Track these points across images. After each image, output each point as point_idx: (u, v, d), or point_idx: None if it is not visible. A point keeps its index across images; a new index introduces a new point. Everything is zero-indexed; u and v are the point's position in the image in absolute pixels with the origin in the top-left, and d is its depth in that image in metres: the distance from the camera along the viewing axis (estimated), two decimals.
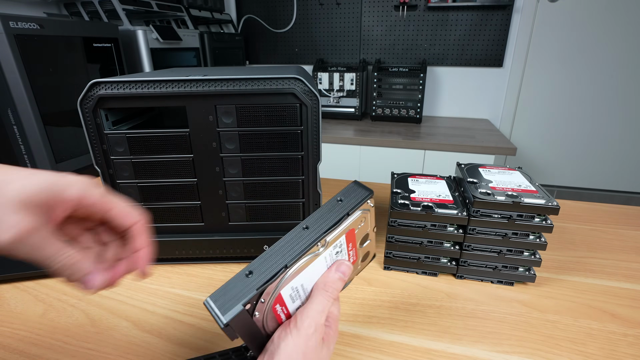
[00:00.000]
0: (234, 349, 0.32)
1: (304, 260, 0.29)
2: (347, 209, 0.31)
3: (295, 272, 0.28)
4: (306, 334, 0.28)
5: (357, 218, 0.32)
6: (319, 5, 2.03)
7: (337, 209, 0.31)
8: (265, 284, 0.26)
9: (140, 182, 0.49)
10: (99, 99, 0.44)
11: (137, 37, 1.32)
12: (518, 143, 2.07)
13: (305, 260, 0.29)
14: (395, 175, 0.59)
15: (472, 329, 0.42)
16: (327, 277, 0.31)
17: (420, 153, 1.61)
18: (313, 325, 0.28)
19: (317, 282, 0.31)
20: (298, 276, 0.29)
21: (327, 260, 0.31)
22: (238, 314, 0.25)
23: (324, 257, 0.31)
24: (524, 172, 0.55)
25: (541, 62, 1.90)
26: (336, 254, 0.32)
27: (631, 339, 0.41)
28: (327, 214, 0.31)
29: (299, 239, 0.29)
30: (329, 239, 0.30)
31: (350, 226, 0.32)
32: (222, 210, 0.51)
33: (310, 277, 0.30)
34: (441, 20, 1.90)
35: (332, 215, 0.30)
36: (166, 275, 0.52)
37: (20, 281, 0.51)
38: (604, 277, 0.52)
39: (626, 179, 2.00)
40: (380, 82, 1.83)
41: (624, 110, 1.88)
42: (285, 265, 0.27)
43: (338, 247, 0.32)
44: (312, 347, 0.28)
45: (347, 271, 0.32)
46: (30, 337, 0.41)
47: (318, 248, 0.29)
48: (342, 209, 0.31)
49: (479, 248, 0.49)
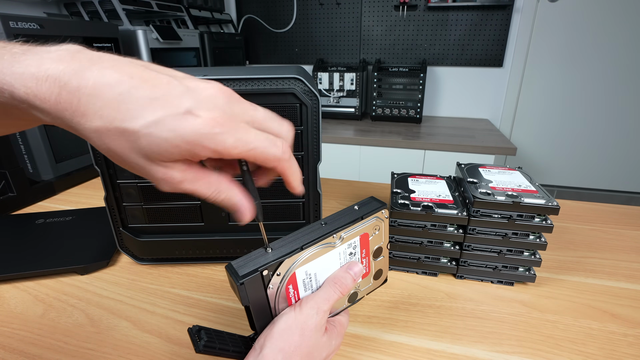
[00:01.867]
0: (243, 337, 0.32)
1: (320, 247, 0.31)
2: (361, 214, 0.34)
3: (311, 255, 0.30)
4: (307, 313, 0.29)
5: (371, 224, 0.34)
6: (319, 5, 2.03)
7: (353, 213, 0.34)
8: (282, 257, 0.29)
9: (140, 182, 0.49)
10: None
11: (137, 37, 1.32)
12: (518, 143, 2.07)
13: (320, 247, 0.31)
14: (395, 175, 0.59)
15: (472, 329, 0.42)
16: (337, 273, 0.33)
17: (420, 153, 1.61)
18: (315, 307, 0.30)
19: (329, 276, 0.33)
20: (313, 262, 0.31)
21: (340, 258, 0.33)
22: (254, 276, 0.27)
23: (337, 253, 0.33)
24: (524, 172, 0.55)
25: (541, 62, 1.90)
26: (350, 255, 0.34)
27: (631, 339, 0.41)
28: (343, 216, 0.34)
29: (317, 230, 0.32)
30: (344, 234, 0.32)
31: (365, 229, 0.34)
32: (222, 210, 0.51)
33: (323, 269, 0.32)
34: (441, 20, 1.90)
35: (348, 217, 0.33)
36: (166, 275, 0.52)
37: (20, 281, 0.51)
38: (604, 277, 0.52)
39: (626, 179, 2.00)
40: (380, 82, 1.83)
41: (624, 110, 1.88)
42: (302, 247, 0.30)
43: (352, 247, 0.34)
44: (311, 327, 0.29)
45: (358, 272, 0.33)
46: (30, 337, 0.41)
47: (334, 240, 0.32)
48: (357, 213, 0.34)
49: (479, 248, 0.49)
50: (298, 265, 0.30)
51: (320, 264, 0.32)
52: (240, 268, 0.28)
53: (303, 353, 0.28)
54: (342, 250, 0.33)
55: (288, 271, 0.29)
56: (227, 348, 0.29)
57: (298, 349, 0.28)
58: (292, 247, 0.30)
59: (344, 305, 0.36)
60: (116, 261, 0.56)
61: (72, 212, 0.67)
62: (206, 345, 0.27)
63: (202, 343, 0.27)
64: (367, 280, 0.37)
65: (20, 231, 0.61)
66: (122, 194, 0.50)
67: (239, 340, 0.30)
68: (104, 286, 0.50)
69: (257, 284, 0.28)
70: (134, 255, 0.55)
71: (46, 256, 0.54)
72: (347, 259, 0.34)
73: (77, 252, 0.55)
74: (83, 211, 0.68)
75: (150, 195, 0.50)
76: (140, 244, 0.52)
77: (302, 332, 0.29)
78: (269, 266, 0.28)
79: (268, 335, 0.28)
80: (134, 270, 0.53)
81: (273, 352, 0.27)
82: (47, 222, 0.63)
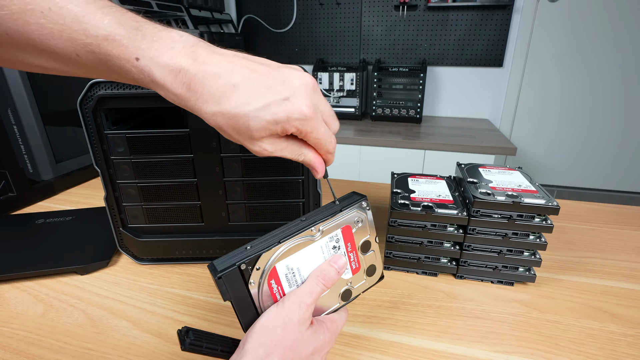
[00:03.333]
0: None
1: (299, 240, 0.31)
2: (340, 207, 0.34)
3: (289, 249, 0.31)
4: (290, 308, 0.29)
5: (350, 216, 0.34)
6: (319, 5, 2.03)
7: (333, 207, 0.34)
8: (260, 251, 0.29)
9: (140, 182, 0.49)
10: (99, 99, 0.44)
11: None
12: (518, 143, 2.07)
13: (300, 241, 0.31)
14: (395, 175, 0.59)
15: (472, 329, 0.42)
16: (321, 266, 0.33)
17: (420, 153, 1.61)
18: (297, 301, 0.30)
19: (312, 270, 0.32)
20: (293, 256, 0.31)
21: (324, 252, 0.33)
22: (231, 270, 0.28)
23: (320, 247, 0.33)
24: (524, 172, 0.55)
25: (541, 62, 1.90)
26: (333, 249, 0.34)
27: (631, 339, 0.41)
28: (323, 211, 0.34)
29: (296, 225, 0.32)
30: (323, 227, 0.32)
31: (345, 221, 0.34)
32: (222, 210, 0.51)
33: (306, 263, 0.32)
34: (441, 20, 1.90)
35: (328, 211, 0.34)
36: (166, 275, 0.52)
37: (20, 281, 0.51)
38: (604, 277, 0.52)
39: (626, 179, 2.00)
40: (380, 82, 1.83)
41: (624, 110, 1.88)
42: (279, 241, 0.30)
43: (334, 241, 0.34)
44: (294, 321, 0.29)
45: (342, 264, 0.34)
46: (30, 337, 0.41)
47: (314, 233, 0.32)
48: (336, 207, 0.34)
49: (479, 248, 0.49)
50: (277, 259, 0.30)
51: (303, 258, 0.32)
52: (220, 264, 0.29)
53: (286, 347, 0.28)
54: (323, 243, 0.33)
55: (267, 265, 0.30)
56: (214, 347, 0.29)
57: (280, 343, 0.28)
58: (270, 242, 0.30)
59: (337, 304, 0.35)
60: (116, 261, 0.56)
61: (72, 212, 0.67)
62: (192, 344, 0.28)
63: (188, 341, 0.28)
64: (359, 277, 0.36)
65: (20, 231, 0.61)
66: (122, 194, 0.50)
67: (230, 341, 0.31)
68: (104, 286, 0.50)
69: (236, 278, 0.29)
70: (134, 255, 0.55)
71: (46, 256, 0.54)
72: (331, 253, 0.34)
73: (77, 252, 0.55)
74: (83, 211, 0.68)
75: (150, 195, 0.50)
76: (140, 244, 0.52)
77: (285, 326, 0.28)
78: (247, 260, 0.29)
79: (250, 331, 0.29)
80: (134, 270, 0.53)
81: (254, 347, 0.27)
82: (47, 222, 0.63)
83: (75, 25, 0.24)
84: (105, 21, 0.25)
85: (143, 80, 0.27)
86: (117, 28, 0.25)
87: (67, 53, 0.25)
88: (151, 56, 0.25)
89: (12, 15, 0.23)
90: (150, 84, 0.27)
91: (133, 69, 0.26)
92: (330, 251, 0.34)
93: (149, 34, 0.26)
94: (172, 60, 0.26)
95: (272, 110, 0.27)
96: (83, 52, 0.25)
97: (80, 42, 0.25)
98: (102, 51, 0.25)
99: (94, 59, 0.26)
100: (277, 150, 0.29)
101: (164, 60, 0.26)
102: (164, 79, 0.26)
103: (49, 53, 0.25)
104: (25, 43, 0.24)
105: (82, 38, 0.24)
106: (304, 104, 0.27)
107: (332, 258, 0.33)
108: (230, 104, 0.26)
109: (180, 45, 0.26)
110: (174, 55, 0.26)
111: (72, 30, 0.24)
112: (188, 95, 0.26)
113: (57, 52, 0.25)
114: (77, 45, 0.25)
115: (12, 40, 0.24)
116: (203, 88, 0.26)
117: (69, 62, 0.26)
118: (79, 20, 0.24)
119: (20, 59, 0.26)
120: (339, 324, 0.34)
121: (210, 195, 0.50)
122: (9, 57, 0.26)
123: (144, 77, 0.26)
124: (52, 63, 0.26)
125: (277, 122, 0.27)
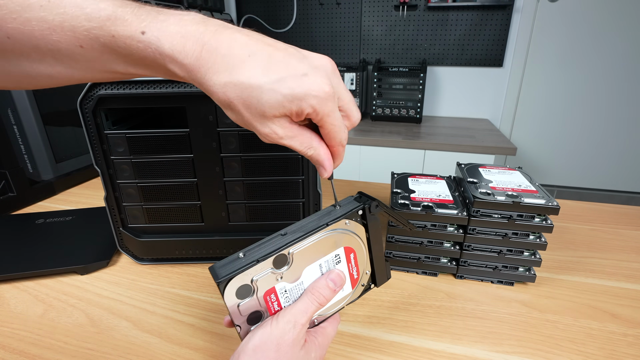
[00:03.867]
0: None
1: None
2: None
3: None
4: (283, 328, 0.28)
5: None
6: (319, 5, 2.03)
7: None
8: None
9: (140, 182, 0.49)
10: (99, 99, 0.44)
11: None
12: (518, 143, 2.07)
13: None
14: (395, 175, 0.59)
15: (472, 329, 0.42)
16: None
17: (421, 153, 1.61)
18: (292, 321, 0.29)
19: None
20: None
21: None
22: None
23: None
24: (524, 172, 0.55)
25: (541, 62, 1.90)
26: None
27: (631, 339, 0.41)
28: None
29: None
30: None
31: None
32: (222, 210, 0.51)
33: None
34: (441, 20, 1.90)
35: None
36: (166, 275, 0.52)
37: (20, 281, 0.51)
38: (604, 277, 0.52)
39: (626, 179, 2.00)
40: (380, 82, 1.83)
41: (624, 110, 1.88)
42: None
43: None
44: (287, 342, 0.28)
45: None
46: (30, 337, 0.41)
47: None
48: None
49: (479, 248, 0.49)
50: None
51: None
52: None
53: None
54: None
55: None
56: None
57: None
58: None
59: (330, 311, 0.34)
60: (116, 261, 0.56)
61: (72, 212, 0.67)
62: None
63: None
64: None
65: (20, 231, 0.61)
66: (122, 194, 0.50)
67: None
68: (104, 286, 0.50)
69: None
70: (134, 255, 0.55)
71: (46, 256, 0.54)
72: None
73: (77, 252, 0.55)
74: (83, 211, 0.68)
75: (150, 195, 0.50)
76: (140, 244, 0.52)
77: (278, 348, 0.28)
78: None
79: (242, 352, 0.28)
80: (134, 270, 0.53)
81: None
82: (47, 222, 0.63)
83: (77, 10, 0.23)
84: (107, 2, 0.24)
85: (150, 58, 0.25)
86: (119, 7, 0.24)
87: (70, 47, 0.24)
88: (158, 27, 0.24)
89: (11, 14, 0.23)
90: (158, 59, 0.25)
91: (139, 45, 0.24)
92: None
93: (154, 10, 0.25)
94: (183, 28, 0.24)
95: (289, 84, 0.25)
96: (86, 40, 0.24)
97: (83, 29, 0.24)
98: (106, 33, 0.24)
99: (98, 47, 0.24)
100: (287, 137, 0.27)
101: (173, 29, 0.24)
102: (173, 48, 0.24)
103: (52, 52, 0.24)
104: (28, 44, 0.24)
105: (84, 23, 0.23)
106: (323, 82, 0.26)
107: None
108: (244, 74, 0.24)
109: (189, 17, 0.25)
110: (184, 24, 0.24)
111: (74, 16, 0.23)
112: (198, 65, 0.24)
113: (60, 49, 0.24)
114: (79, 34, 0.24)
115: (15, 43, 0.24)
116: (216, 56, 0.24)
117: (73, 60, 0.25)
118: (79, 5, 0.23)
119: (25, 69, 0.25)
120: (330, 337, 0.33)
121: (210, 195, 0.50)
122: (12, 71, 0.25)
123: (151, 51, 0.24)
124: (56, 66, 0.25)
125: (294, 99, 0.25)
